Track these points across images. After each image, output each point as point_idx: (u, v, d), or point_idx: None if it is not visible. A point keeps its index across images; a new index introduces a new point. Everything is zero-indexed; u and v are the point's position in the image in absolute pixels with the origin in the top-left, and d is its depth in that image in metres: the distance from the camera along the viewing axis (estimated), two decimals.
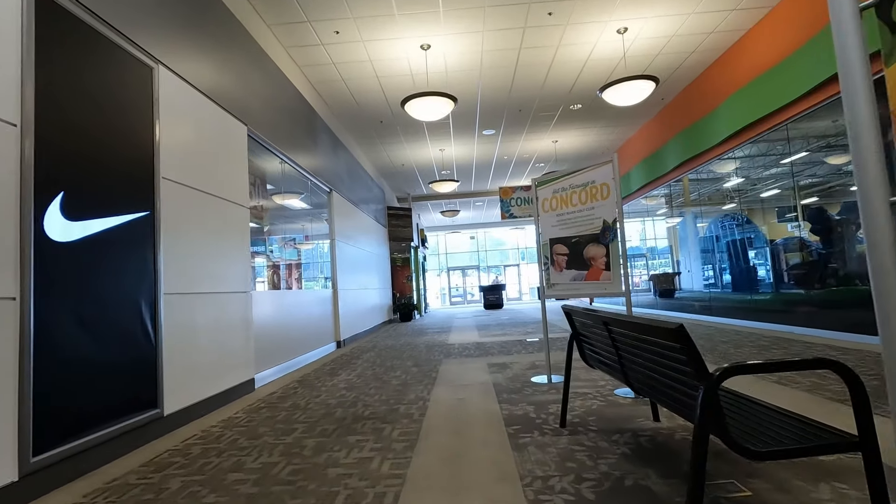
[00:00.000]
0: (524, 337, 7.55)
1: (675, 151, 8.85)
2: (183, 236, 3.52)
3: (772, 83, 6.07)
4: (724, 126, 7.15)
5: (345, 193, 8.60)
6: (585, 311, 2.45)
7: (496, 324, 10.47)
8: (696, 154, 8.13)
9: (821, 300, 5.81)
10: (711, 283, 8.50)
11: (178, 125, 3.57)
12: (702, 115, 7.82)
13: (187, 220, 3.59)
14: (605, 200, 3.73)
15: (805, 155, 5.92)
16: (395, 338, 8.67)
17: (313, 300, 6.65)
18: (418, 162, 11.81)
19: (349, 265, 8.66)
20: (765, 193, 6.84)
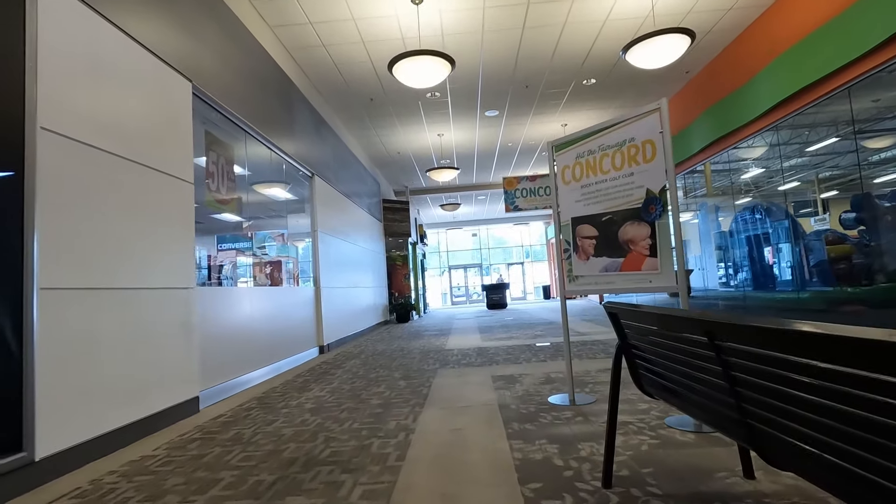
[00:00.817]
0: (532, 341, 6.61)
1: (702, 131, 7.89)
2: (82, 212, 2.59)
3: (827, 41, 5.11)
4: (764, 96, 6.19)
5: (331, 180, 7.69)
6: (654, 311, 1.51)
7: (500, 325, 9.54)
8: (726, 132, 7.17)
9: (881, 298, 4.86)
10: (736, 281, 7.54)
11: (76, 62, 2.64)
12: (736, 86, 6.86)
13: (91, 192, 2.66)
14: (648, 164, 2.80)
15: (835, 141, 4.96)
16: (387, 341, 7.74)
17: (289, 300, 5.73)
18: (415, 150, 10.88)
19: (336, 261, 7.74)
20: (794, 182, 5.89)
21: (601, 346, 5.56)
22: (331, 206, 7.65)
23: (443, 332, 8.77)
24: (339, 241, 7.97)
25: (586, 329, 7.68)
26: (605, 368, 4.23)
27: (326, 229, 7.26)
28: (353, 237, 9.10)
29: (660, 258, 2.71)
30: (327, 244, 7.26)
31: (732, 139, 7.16)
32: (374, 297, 10.80)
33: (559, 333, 7.33)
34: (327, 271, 7.17)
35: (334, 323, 7.31)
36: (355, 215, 9.40)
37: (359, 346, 7.37)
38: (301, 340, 5.98)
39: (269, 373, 4.96)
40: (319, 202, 7.03)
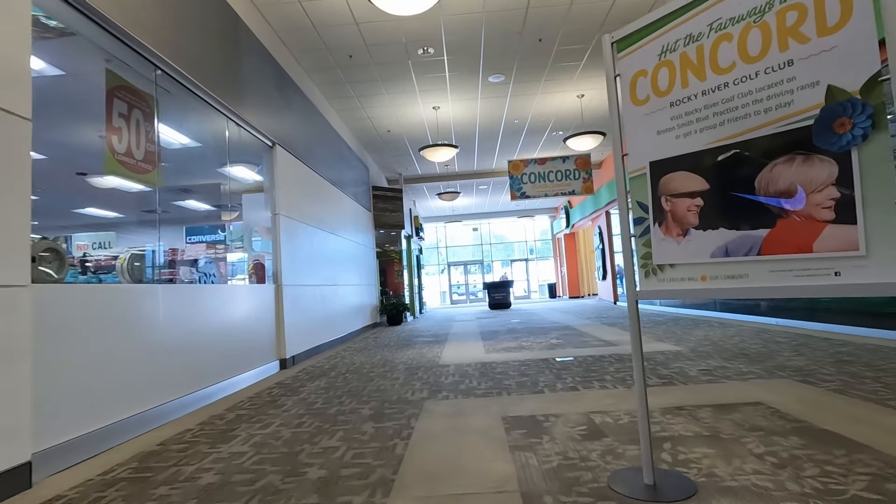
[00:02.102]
0: (549, 353, 5.22)
1: None
2: None
3: None
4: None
5: (300, 155, 6.29)
6: None
7: (506, 330, 8.15)
8: None
9: None
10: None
11: None
12: None
13: None
14: (831, 35, 1.40)
15: None
16: (370, 351, 6.36)
17: (235, 303, 4.34)
18: (407, 128, 9.47)
19: (307, 253, 6.34)
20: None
21: (649, 366, 4.17)
22: (300, 187, 6.25)
23: (438, 339, 7.38)
24: (311, 230, 6.58)
25: (613, 336, 6.29)
26: (683, 407, 2.84)
27: (292, 213, 5.87)
28: (333, 226, 7.71)
29: (866, 225, 1.31)
30: (293, 232, 5.87)
31: None
32: (361, 296, 9.42)
33: (580, 342, 5.94)
34: (293, 266, 5.78)
35: (302, 329, 5.92)
36: (336, 201, 8.01)
37: (333, 357, 5.98)
38: (251, 355, 4.59)
39: (191, 404, 3.57)
40: (282, 179, 5.63)
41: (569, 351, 5.26)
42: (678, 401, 2.93)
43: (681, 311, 9.35)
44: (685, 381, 3.45)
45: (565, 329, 7.62)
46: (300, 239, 6.11)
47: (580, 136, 8.12)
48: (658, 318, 8.38)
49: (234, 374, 4.22)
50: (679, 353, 4.63)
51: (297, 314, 5.78)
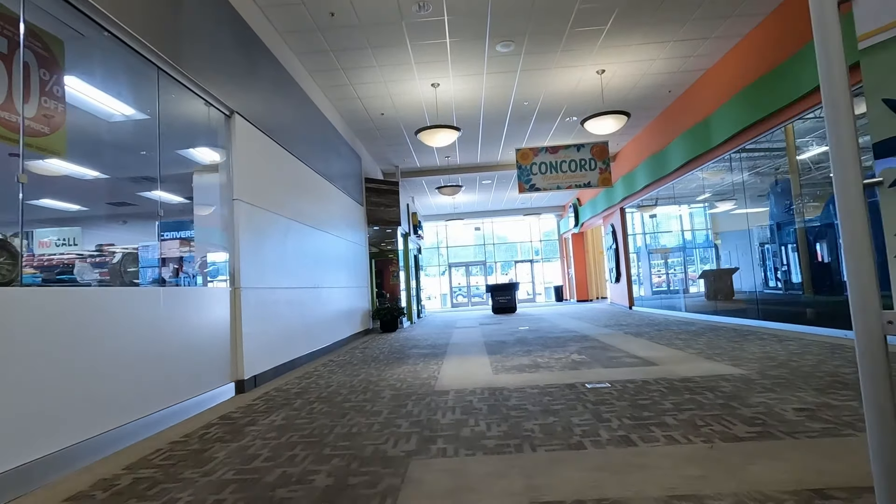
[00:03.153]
0: (576, 376, 4.14)
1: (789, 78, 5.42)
2: None
3: None
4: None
5: (269, 129, 5.22)
6: None
7: (514, 339, 7.07)
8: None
9: None
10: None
11: None
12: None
13: None
14: None
15: None
16: (353, 367, 5.29)
17: (159, 310, 3.27)
18: (404, 109, 8.41)
19: (279, 249, 5.28)
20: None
21: (718, 400, 3.09)
22: (270, 170, 5.19)
23: (436, 351, 6.31)
24: (285, 223, 5.52)
25: (647, 351, 5.20)
26: (830, 490, 1.75)
27: (258, 201, 4.80)
28: (316, 219, 6.64)
29: None
30: (259, 224, 4.80)
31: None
32: (350, 300, 8.35)
33: (608, 359, 4.85)
34: (258, 264, 4.72)
35: (269, 342, 4.85)
36: (320, 191, 6.95)
37: (308, 376, 4.90)
38: (192, 379, 3.52)
39: (77, 459, 2.49)
40: (243, 158, 4.57)
41: (599, 373, 4.18)
42: (807, 472, 1.86)
43: (711, 318, 8.26)
44: (789, 431, 2.37)
45: (584, 339, 6.54)
46: (269, 232, 5.04)
47: (600, 118, 7.06)
48: (687, 327, 7.30)
49: (162, 406, 3.15)
50: (748, 379, 3.55)
51: (262, 323, 4.71)
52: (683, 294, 9.46)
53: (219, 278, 4.27)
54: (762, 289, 7.10)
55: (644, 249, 11.55)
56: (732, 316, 7.70)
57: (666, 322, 8.39)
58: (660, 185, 9.63)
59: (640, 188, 10.39)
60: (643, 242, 11.66)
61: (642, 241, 11.71)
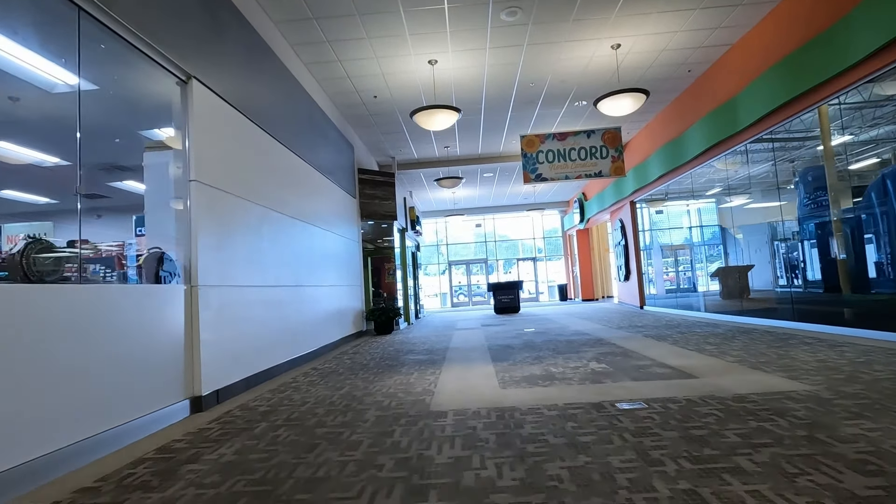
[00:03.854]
0: (601, 391, 3.44)
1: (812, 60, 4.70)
2: None
3: None
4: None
5: (241, 103, 4.51)
6: None
7: (521, 343, 6.37)
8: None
9: None
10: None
11: None
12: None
13: None
14: None
15: None
16: (337, 378, 4.58)
17: (87, 312, 2.56)
18: (399, 91, 7.70)
19: (252, 242, 4.58)
20: None
21: (800, 430, 2.39)
22: (240, 149, 4.48)
23: (434, 357, 5.60)
24: (261, 212, 4.81)
25: (678, 358, 4.49)
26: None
27: (224, 184, 4.10)
28: (300, 210, 5.94)
29: None
30: (225, 212, 4.10)
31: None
32: (341, 300, 7.65)
33: (634, 369, 4.15)
34: (223, 259, 4.01)
35: (237, 350, 4.14)
36: (305, 179, 6.25)
37: (283, 389, 4.20)
38: (130, 398, 2.81)
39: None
40: (204, 133, 3.86)
41: (628, 388, 3.47)
42: None
43: (736, 319, 7.55)
44: None
45: (599, 344, 5.83)
46: (239, 222, 4.34)
47: (617, 97, 6.35)
48: (712, 329, 6.59)
49: (83, 435, 2.45)
50: (820, 399, 2.84)
51: (229, 328, 4.00)
52: (703, 293, 8.75)
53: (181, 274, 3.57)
54: (789, 286, 6.39)
55: (657, 245, 10.83)
56: (761, 317, 6.99)
57: (686, 323, 7.68)
58: (676, 174, 8.91)
59: (653, 179, 9.67)
60: (655, 238, 10.95)
61: (654, 237, 11.00)
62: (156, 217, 3.76)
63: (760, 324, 6.85)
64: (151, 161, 3.78)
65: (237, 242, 4.28)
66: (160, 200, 3.75)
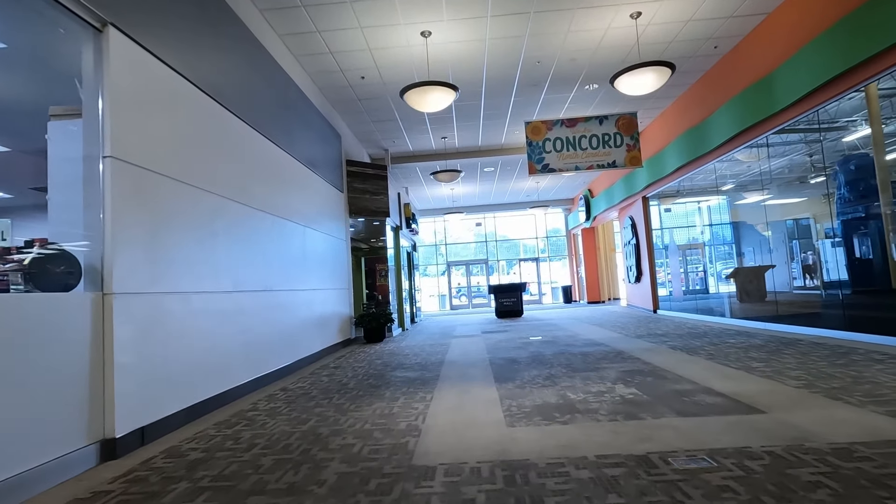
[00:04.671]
0: (642, 435, 2.60)
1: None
2: None
3: None
4: None
5: (182, 64, 3.66)
6: None
7: (528, 356, 5.53)
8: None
9: None
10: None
11: None
12: None
13: None
14: None
15: None
16: (304, 406, 3.74)
17: None
18: (389, 70, 6.87)
19: (199, 237, 3.73)
20: None
21: None
22: (183, 122, 3.64)
23: (426, 374, 4.76)
24: (213, 201, 3.97)
25: (724, 381, 3.64)
26: None
27: (155, 163, 3.25)
28: (273, 202, 5.10)
29: None
30: (157, 196, 3.25)
31: None
32: (325, 305, 6.81)
33: (674, 394, 3.30)
34: (154, 257, 3.17)
35: (176, 373, 3.30)
36: (279, 167, 5.41)
37: (233, 422, 3.35)
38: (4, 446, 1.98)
39: None
40: (124, 94, 3.01)
41: (677, 428, 2.62)
42: None
43: (769, 326, 6.70)
44: None
45: (620, 358, 4.98)
46: (181, 213, 3.50)
47: (637, 72, 5.51)
48: (747, 339, 5.74)
49: None
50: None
51: (160, 346, 3.16)
52: (727, 296, 7.90)
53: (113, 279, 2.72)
54: (832, 289, 5.54)
55: (673, 244, 9.98)
56: (799, 324, 6.14)
57: (712, 332, 6.84)
58: (696, 165, 8.06)
59: (670, 171, 8.83)
60: (671, 236, 10.10)
61: (670, 236, 10.15)
62: (63, 205, 2.92)
63: (802, 333, 6.00)
64: (57, 133, 2.94)
65: (179, 238, 3.44)
66: (68, 183, 2.91)
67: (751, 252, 7.46)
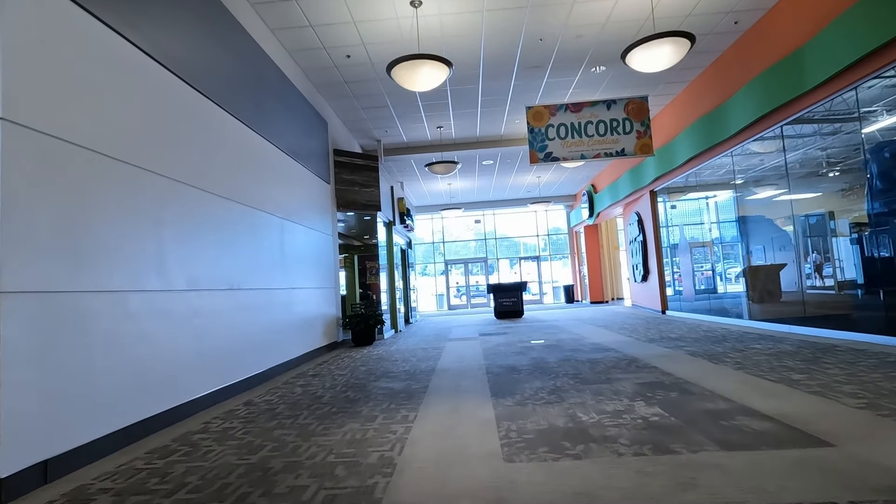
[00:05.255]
0: (682, 479, 1.99)
1: None
2: None
3: None
4: None
5: (107, 12, 3.06)
6: None
7: (529, 362, 4.93)
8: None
9: None
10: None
11: None
12: None
13: None
14: None
15: None
16: (262, 428, 3.14)
17: None
18: (376, 45, 6.26)
19: (138, 225, 3.13)
20: None
21: None
22: (117, 86, 3.04)
23: (412, 385, 4.16)
24: (161, 183, 3.37)
25: (764, 397, 3.03)
26: None
27: (67, 130, 2.65)
28: (242, 190, 4.51)
29: None
30: (72, 172, 2.65)
31: None
32: (308, 305, 6.21)
33: (708, 416, 2.70)
34: (66, 246, 2.57)
35: (94, 392, 2.70)
36: (249, 151, 4.81)
37: (172, 448, 2.75)
38: None
39: None
40: (23, 38, 2.41)
41: (724, 468, 2.02)
42: None
43: (796, 330, 6.09)
44: None
45: (634, 366, 4.38)
46: (113, 195, 2.90)
47: (652, 44, 4.90)
48: (774, 344, 5.14)
49: None
50: None
51: (77, 357, 2.56)
52: (744, 295, 7.29)
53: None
54: (872, 287, 4.94)
55: (684, 241, 9.38)
56: (829, 328, 5.54)
57: (731, 335, 6.24)
58: (713, 154, 7.45)
59: (681, 162, 8.22)
60: (681, 233, 9.50)
61: (680, 232, 9.54)
62: None
63: (835, 337, 5.40)
64: None
65: (109, 227, 2.84)
66: None
67: (770, 249, 6.86)
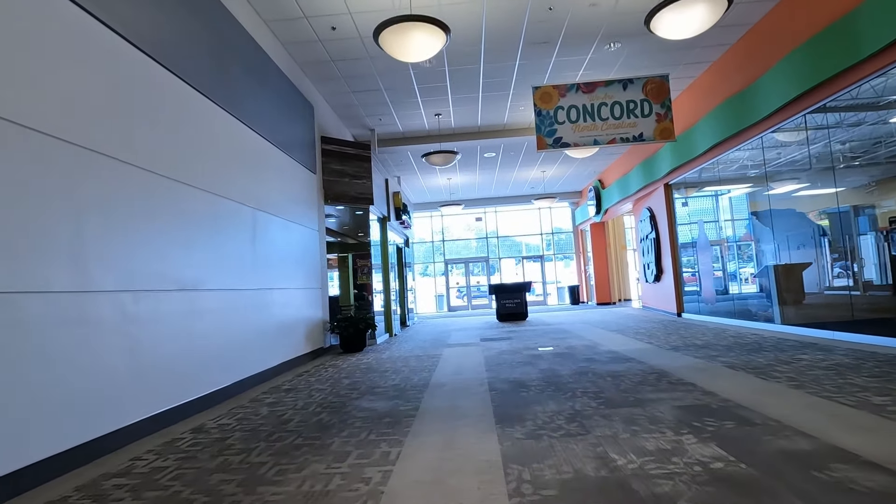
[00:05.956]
0: None
1: None
2: None
3: None
4: None
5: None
6: None
7: (539, 375, 4.22)
8: None
9: None
10: None
11: None
12: None
13: None
14: None
15: None
16: (207, 462, 2.43)
17: None
18: (363, 14, 5.56)
19: (66, 214, 2.43)
20: None
21: None
22: (42, 47, 2.34)
23: (400, 406, 3.45)
24: (106, 165, 2.67)
25: (846, 430, 2.32)
26: None
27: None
28: (209, 178, 3.81)
29: None
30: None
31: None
32: (289, 307, 5.51)
33: (780, 456, 1.99)
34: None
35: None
36: (217, 131, 4.11)
37: (77, 501, 2.05)
38: None
39: None
40: None
41: None
42: None
43: (841, 336, 5.37)
44: None
45: (666, 382, 3.66)
46: (43, 180, 2.21)
47: (683, 3, 4.19)
48: (825, 355, 4.43)
49: None
50: None
51: None
52: (778, 298, 6.56)
53: None
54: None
55: (704, 238, 8.65)
56: (884, 334, 4.82)
57: (765, 342, 5.52)
58: (740, 140, 6.71)
59: (703, 150, 7.49)
60: (700, 230, 8.77)
61: (700, 229, 8.82)
62: None
63: (890, 345, 4.68)
64: None
65: (23, 214, 2.15)
66: None
67: (809, 246, 6.15)
